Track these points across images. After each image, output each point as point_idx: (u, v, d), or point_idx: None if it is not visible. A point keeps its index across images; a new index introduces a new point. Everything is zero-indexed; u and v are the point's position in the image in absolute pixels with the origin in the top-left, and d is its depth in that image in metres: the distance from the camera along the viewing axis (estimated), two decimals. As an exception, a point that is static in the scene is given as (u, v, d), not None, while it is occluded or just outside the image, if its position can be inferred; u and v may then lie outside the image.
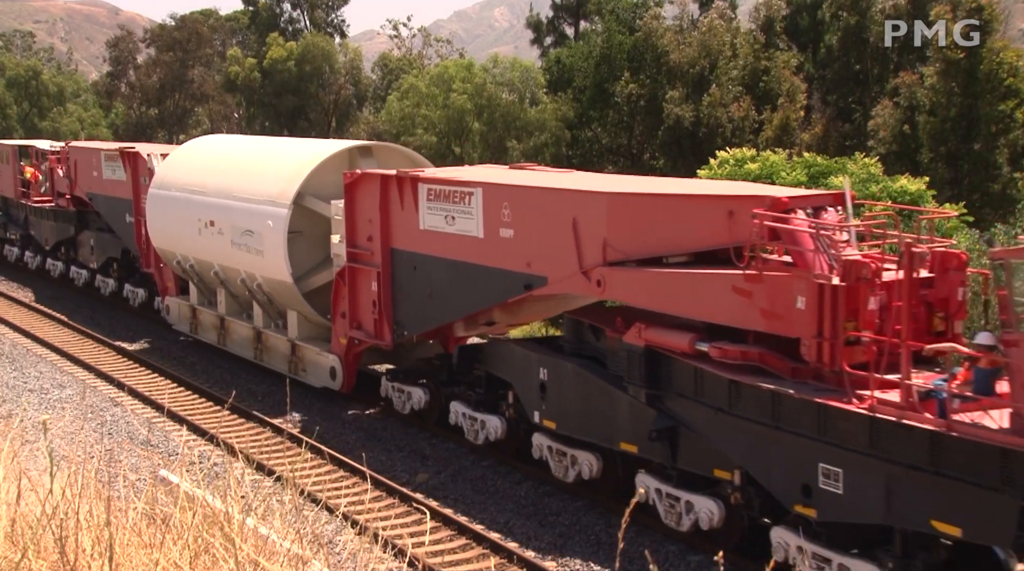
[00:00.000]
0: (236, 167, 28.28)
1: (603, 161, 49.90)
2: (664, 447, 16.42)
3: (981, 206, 33.99)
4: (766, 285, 14.66)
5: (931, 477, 12.51)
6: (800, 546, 14.12)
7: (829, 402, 13.64)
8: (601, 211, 17.33)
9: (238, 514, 6.08)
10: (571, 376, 18.34)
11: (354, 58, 67.66)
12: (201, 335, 30.45)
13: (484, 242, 19.66)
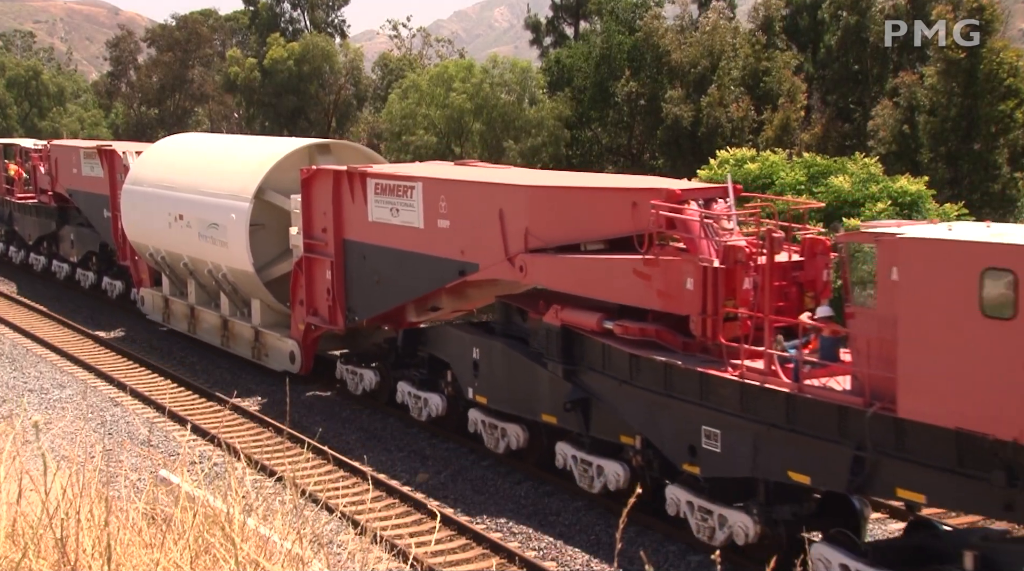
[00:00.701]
0: (203, 164, 29.91)
1: (603, 161, 49.88)
2: (578, 417, 18.18)
3: (981, 206, 33.96)
4: (661, 269, 16.48)
5: (787, 433, 14.43)
6: (689, 501, 16.06)
7: (708, 371, 15.53)
8: (523, 203, 19.22)
9: (239, 514, 6.08)
10: (499, 354, 20.07)
11: (354, 58, 67.62)
12: (173, 324, 31.91)
13: (424, 232, 21.43)
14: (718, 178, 31.10)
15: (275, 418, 23.94)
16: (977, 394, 12.24)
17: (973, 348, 12.21)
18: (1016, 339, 11.81)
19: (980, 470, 12.30)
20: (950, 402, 12.49)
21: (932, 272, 12.64)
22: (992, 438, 12.08)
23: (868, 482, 13.67)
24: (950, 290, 12.42)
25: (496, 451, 20.56)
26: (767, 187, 30.21)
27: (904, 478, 13.25)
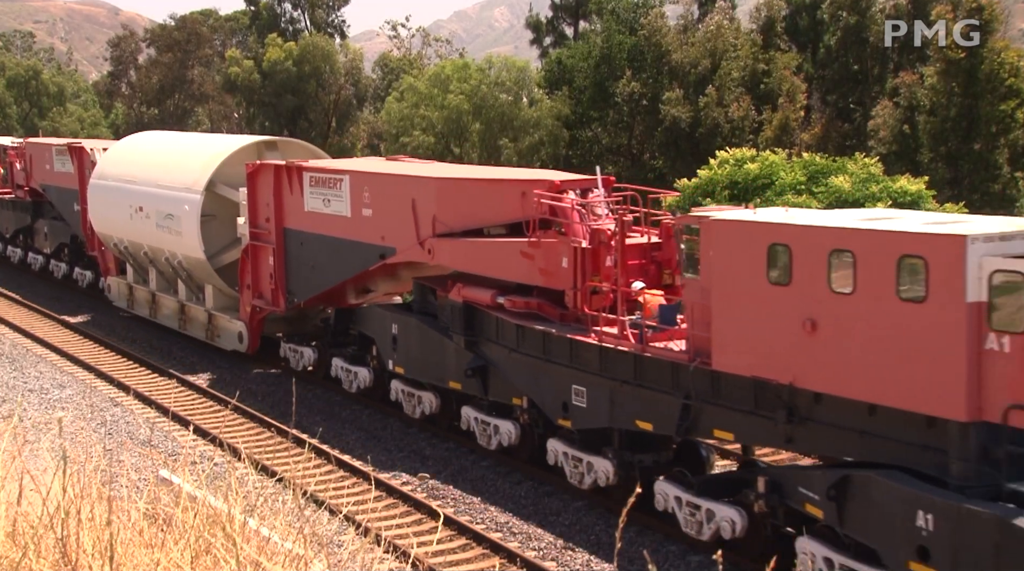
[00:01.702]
0: (161, 160, 32.15)
1: (603, 161, 49.86)
2: (478, 383, 20.56)
3: (981, 206, 33.94)
4: (542, 250, 19.03)
5: (635, 388, 17.03)
6: (565, 451, 18.56)
7: (576, 337, 18.05)
8: (432, 193, 21.73)
9: (239, 514, 6.08)
10: (413, 329, 22.47)
11: (354, 58, 67.61)
12: (136, 310, 34.03)
13: (351, 220, 23.73)
14: (717, 178, 31.11)
15: (276, 418, 23.94)
16: (765, 347, 14.80)
17: (762, 310, 14.78)
18: (791, 301, 14.32)
19: (769, 410, 14.88)
20: (748, 355, 15.06)
21: (734, 248, 15.19)
22: (775, 383, 14.62)
23: (693, 426, 16.29)
24: (746, 263, 14.98)
25: (413, 417, 22.94)
26: (767, 187, 30.21)
27: (719, 421, 15.90)
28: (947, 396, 12.73)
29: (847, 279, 13.60)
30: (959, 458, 12.71)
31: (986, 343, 12.54)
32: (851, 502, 13.76)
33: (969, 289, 12.53)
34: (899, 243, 13.25)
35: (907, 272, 13.10)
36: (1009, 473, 12.30)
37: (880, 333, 13.35)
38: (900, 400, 13.26)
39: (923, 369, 12.95)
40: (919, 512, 12.73)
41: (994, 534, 11.98)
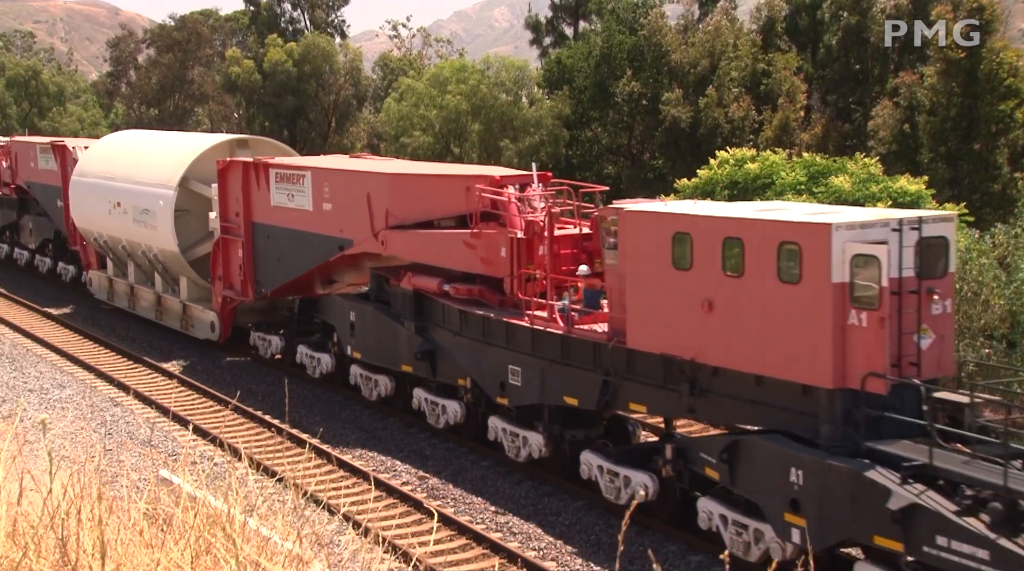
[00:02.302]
0: (138, 157, 33.60)
1: (603, 161, 49.87)
2: (427, 365, 22.04)
3: (981, 206, 33.94)
4: (483, 240, 20.51)
5: (563, 367, 18.58)
6: (503, 428, 20.03)
7: (511, 321, 19.59)
8: (385, 188, 23.10)
9: (240, 514, 6.08)
10: (369, 316, 23.95)
11: (354, 58, 67.55)
12: (116, 302, 35.50)
13: (313, 214, 25.10)
14: (717, 178, 31.13)
15: (276, 418, 23.95)
16: (671, 326, 16.40)
17: (668, 292, 16.35)
18: (691, 284, 15.91)
19: (675, 384, 16.47)
20: (657, 334, 16.65)
21: (644, 237, 16.75)
22: (680, 358, 16.22)
23: (612, 400, 17.80)
24: (654, 250, 16.52)
25: (371, 399, 24.29)
26: (767, 187, 30.22)
27: (633, 394, 17.45)
28: (817, 367, 14.38)
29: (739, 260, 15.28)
30: (826, 421, 14.41)
31: (849, 319, 14.27)
32: (740, 464, 15.38)
33: (834, 271, 14.20)
34: (778, 231, 14.84)
35: (785, 257, 14.72)
36: (867, 433, 13.97)
37: (764, 312, 15.02)
38: (781, 371, 14.93)
39: (798, 343, 14.62)
40: (792, 469, 14.38)
41: (850, 485, 13.64)
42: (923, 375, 14.21)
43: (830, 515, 14.00)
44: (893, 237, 14.35)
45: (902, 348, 14.23)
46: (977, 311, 23.66)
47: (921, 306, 14.36)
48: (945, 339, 14.75)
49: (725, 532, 15.63)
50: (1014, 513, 12.34)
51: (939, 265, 14.70)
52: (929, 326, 14.48)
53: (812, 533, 13.98)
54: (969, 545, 12.41)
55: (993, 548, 12.14)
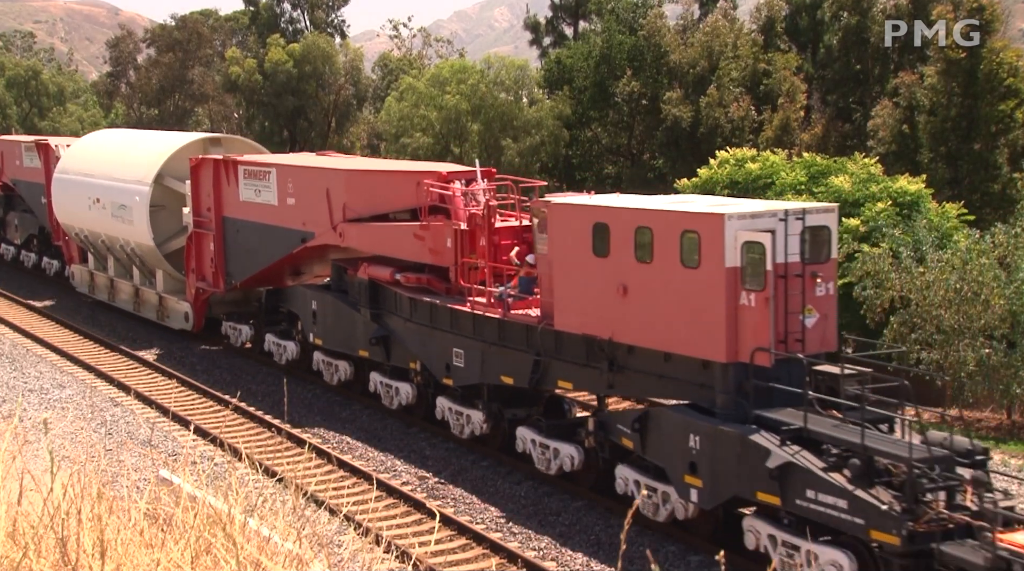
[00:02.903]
0: (117, 154, 34.93)
1: (603, 161, 49.85)
2: (382, 350, 23.51)
3: (981, 206, 33.91)
4: (431, 232, 21.94)
5: (500, 348, 20.11)
6: (449, 407, 21.60)
7: (455, 307, 21.12)
8: (342, 183, 24.61)
9: (240, 514, 6.07)
10: (329, 305, 25.42)
11: (354, 58, 67.50)
12: (97, 294, 36.91)
13: (278, 208, 26.54)
14: (717, 178, 31.12)
15: (276, 419, 23.94)
16: (592, 309, 17.88)
17: (589, 277, 17.85)
18: (609, 270, 17.39)
19: (596, 362, 17.99)
20: (580, 316, 18.16)
21: (569, 227, 18.27)
22: (599, 338, 17.75)
23: (542, 378, 19.34)
24: (577, 239, 18.00)
25: (332, 383, 25.75)
26: (768, 187, 30.22)
27: (561, 373, 19.03)
28: (714, 343, 15.98)
29: (649, 248, 16.89)
30: (721, 392, 16.01)
31: (740, 300, 15.85)
32: (649, 433, 17.00)
33: (727, 256, 15.76)
34: (680, 221, 16.49)
35: (686, 244, 16.30)
36: (756, 402, 15.55)
37: (670, 294, 16.62)
38: (685, 348, 16.55)
39: (698, 322, 16.20)
40: (691, 435, 16.08)
41: (737, 447, 15.31)
42: (807, 350, 15.83)
43: (721, 475, 15.68)
44: (780, 226, 15.84)
45: (788, 326, 15.87)
46: (977, 311, 23.65)
47: (806, 288, 16.00)
48: (828, 318, 16.41)
49: (638, 495, 17.10)
50: (870, 468, 14.03)
51: (823, 251, 16.32)
52: (813, 306, 16.15)
53: (706, 492, 15.87)
54: (832, 496, 14.09)
55: (851, 498, 13.84)
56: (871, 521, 13.61)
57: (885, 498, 13.65)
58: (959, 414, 24.95)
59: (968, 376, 23.64)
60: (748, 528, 15.56)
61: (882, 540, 13.55)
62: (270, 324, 28.39)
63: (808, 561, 14.48)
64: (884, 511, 13.45)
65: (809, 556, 14.45)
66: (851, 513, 13.82)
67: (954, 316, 23.77)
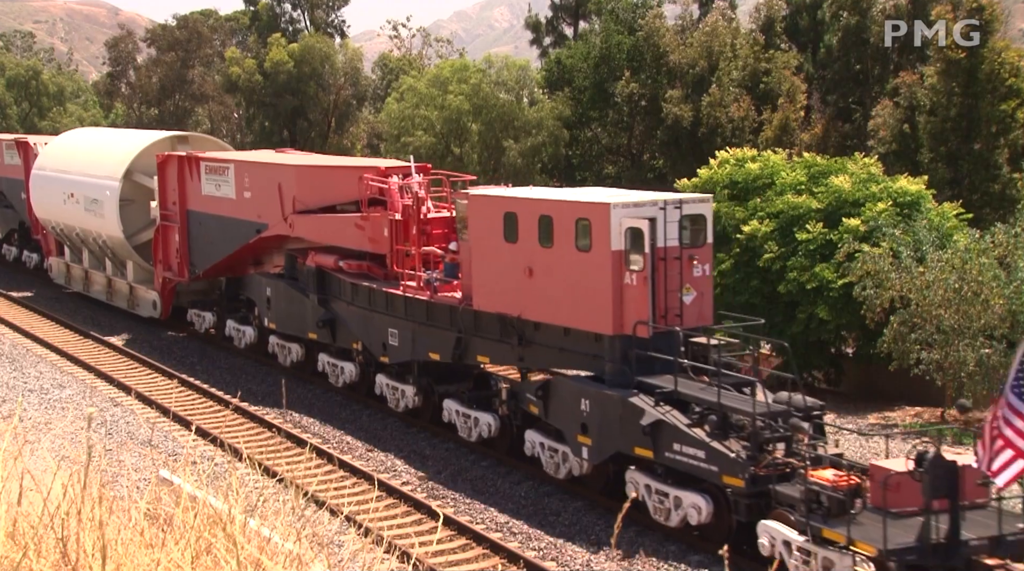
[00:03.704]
0: (89, 152, 36.79)
1: (603, 161, 49.82)
2: (328, 332, 25.46)
3: (981, 206, 33.88)
4: (370, 222, 24.00)
5: (428, 328, 22.24)
6: (387, 383, 23.65)
7: (390, 291, 23.17)
8: (292, 178, 26.82)
9: (240, 515, 6.07)
10: (282, 291, 27.32)
11: (354, 58, 67.44)
12: (73, 286, 38.94)
13: (235, 201, 28.45)
14: (717, 178, 31.10)
15: (276, 419, 23.93)
16: (504, 289, 19.89)
17: (501, 261, 19.85)
18: (517, 254, 19.41)
19: (508, 337, 20.10)
20: (494, 296, 20.15)
21: (485, 216, 20.27)
22: (510, 316, 19.87)
23: (464, 353, 21.40)
24: (492, 226, 19.99)
25: (285, 364, 27.68)
26: (768, 187, 30.20)
27: (480, 348, 21.09)
28: (603, 318, 18.02)
29: (550, 234, 18.90)
30: (609, 361, 18.04)
31: (624, 279, 17.95)
32: (550, 399, 18.95)
33: (613, 241, 17.85)
34: (575, 210, 18.59)
35: (580, 230, 18.32)
36: (638, 370, 17.56)
37: (567, 275, 18.62)
38: (580, 323, 18.63)
39: (590, 299, 18.24)
40: (582, 400, 18.12)
41: (619, 409, 17.35)
42: (685, 324, 17.93)
43: (606, 433, 17.73)
44: (660, 214, 17.95)
45: (668, 302, 17.98)
46: (977, 311, 23.65)
47: (684, 269, 18.08)
48: (704, 296, 18.49)
49: (543, 456, 19.24)
50: (726, 423, 16.17)
51: (699, 237, 18.46)
52: (691, 285, 18.26)
53: (594, 449, 17.94)
54: (693, 448, 16.22)
55: (708, 449, 15.99)
56: (723, 468, 15.76)
57: (735, 448, 15.82)
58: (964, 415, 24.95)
59: (968, 376, 23.63)
60: (629, 480, 17.47)
61: (731, 484, 15.68)
62: (231, 311, 30.27)
63: (675, 505, 16.53)
64: (732, 459, 15.64)
65: (676, 501, 16.51)
66: (708, 462, 15.99)
67: (954, 316, 23.76)
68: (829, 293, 26.80)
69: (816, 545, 14.27)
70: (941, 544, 13.65)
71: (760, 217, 29.13)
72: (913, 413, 25.88)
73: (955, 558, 13.77)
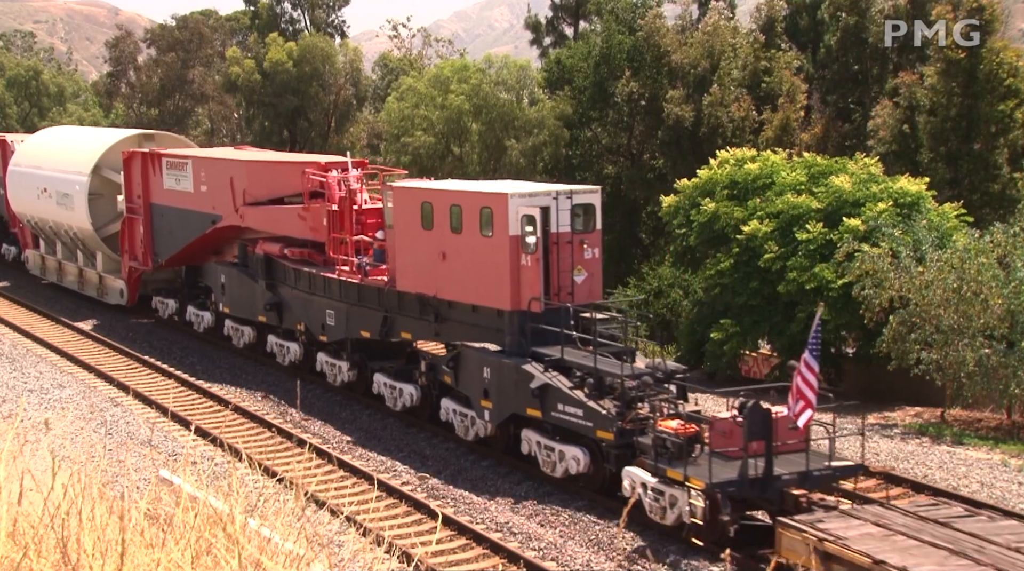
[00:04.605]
0: (61, 149, 38.98)
1: (603, 161, 49.79)
2: (275, 315, 27.78)
3: (981, 206, 33.89)
4: (311, 213, 26.28)
5: (359, 308, 24.45)
6: (326, 360, 25.91)
7: (327, 275, 25.31)
8: (243, 172, 28.86)
9: (240, 515, 6.07)
10: (235, 277, 29.54)
11: (354, 58, 67.40)
12: (48, 276, 41.12)
13: (193, 195, 30.61)
14: (717, 178, 31.12)
15: (276, 418, 23.93)
16: (423, 273, 22.16)
17: (419, 247, 22.15)
18: (433, 240, 21.69)
19: (426, 315, 22.38)
20: (414, 278, 22.46)
21: (405, 206, 22.57)
22: (428, 296, 22.14)
23: (390, 330, 23.65)
24: (411, 215, 22.31)
25: (239, 346, 29.87)
26: (768, 187, 30.20)
27: (403, 326, 23.41)
28: (503, 295, 20.27)
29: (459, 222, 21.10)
30: (508, 333, 20.35)
31: (521, 261, 20.19)
32: (460, 369, 21.25)
33: (511, 227, 20.07)
34: (480, 199, 20.76)
35: (484, 218, 20.48)
36: (533, 341, 19.91)
37: (474, 258, 20.80)
38: (485, 300, 20.82)
39: (493, 279, 20.44)
40: (484, 368, 20.43)
41: (513, 375, 19.69)
42: (576, 301, 20.37)
43: (503, 397, 19.99)
44: (553, 203, 20.31)
45: (561, 282, 20.40)
46: (976, 310, 23.65)
47: (575, 252, 20.43)
48: (594, 276, 20.86)
49: (455, 420, 21.45)
50: (601, 385, 18.67)
51: (590, 224, 20.78)
52: (582, 266, 20.61)
53: (494, 411, 20.31)
54: (573, 407, 18.55)
55: (584, 408, 18.35)
56: (597, 424, 18.14)
57: (607, 406, 18.17)
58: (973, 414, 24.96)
59: (967, 376, 23.63)
60: (524, 438, 19.79)
61: (603, 437, 18.06)
62: (191, 297, 32.61)
63: (559, 458, 18.82)
64: (604, 415, 18.04)
65: (560, 455, 18.82)
66: (585, 419, 18.36)
67: (953, 316, 23.76)
68: (828, 293, 26.80)
69: (663, 484, 16.53)
70: (758, 478, 16.05)
71: (760, 217, 29.14)
72: (913, 413, 25.89)
73: (769, 490, 16.19)
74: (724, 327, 29.33)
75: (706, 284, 31.67)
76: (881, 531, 14.44)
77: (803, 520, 15.04)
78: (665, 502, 16.48)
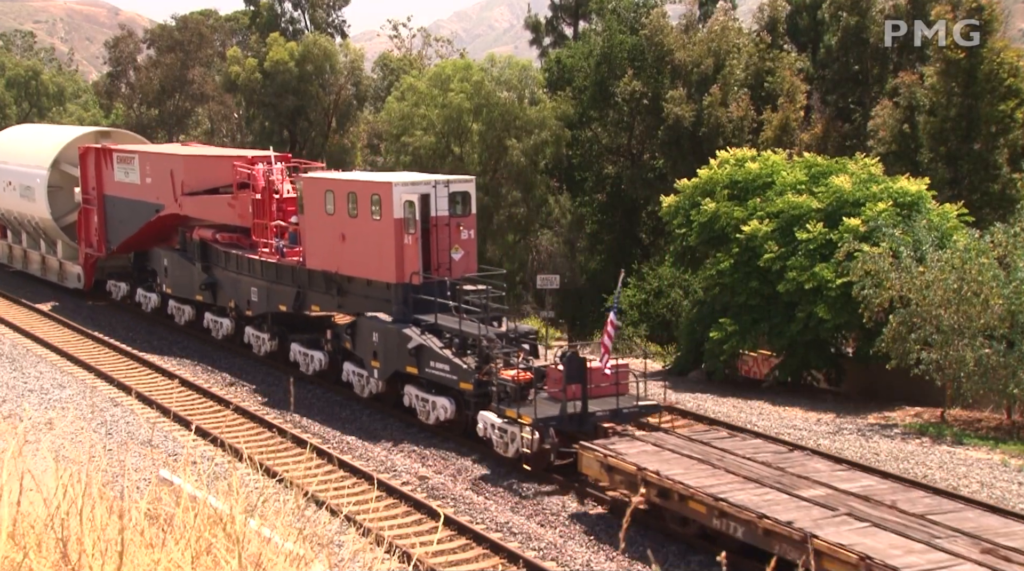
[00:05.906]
0: (25, 144, 42.58)
1: (603, 161, 49.77)
2: (210, 295, 30.91)
3: (981, 206, 33.87)
4: (239, 201, 29.49)
5: (277, 285, 27.76)
6: (253, 333, 29.35)
7: (251, 256, 28.69)
8: (181, 166, 32.11)
9: (240, 515, 6.07)
10: (176, 261, 32.89)
11: (354, 58, 67.36)
12: (14, 265, 44.53)
13: (140, 186, 33.94)
14: (717, 177, 31.11)
15: (276, 418, 23.93)
16: (326, 252, 25.48)
17: (324, 230, 25.50)
18: (334, 224, 25.09)
19: (331, 290, 25.73)
20: (320, 257, 25.81)
21: (313, 194, 25.95)
22: (331, 273, 25.42)
23: (301, 305, 26.96)
24: (317, 202, 25.69)
25: (180, 324, 33.25)
26: (768, 187, 30.19)
27: (313, 300, 26.62)
28: (390, 270, 23.70)
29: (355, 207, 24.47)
30: (395, 303, 23.77)
31: (404, 240, 23.55)
32: (356, 335, 24.58)
33: (395, 211, 23.44)
34: (370, 188, 24.23)
35: (374, 204, 23.90)
36: (415, 310, 23.46)
37: (367, 239, 24.20)
38: (376, 275, 24.23)
39: (381, 256, 23.83)
40: (373, 333, 23.87)
41: (396, 338, 23.10)
42: (454, 275, 23.80)
43: (388, 357, 23.44)
44: (432, 191, 23.66)
45: (440, 259, 23.75)
46: (976, 311, 23.65)
47: (452, 233, 23.90)
48: (470, 254, 24.27)
49: (354, 380, 24.81)
50: (464, 344, 22.19)
51: (466, 209, 24.25)
52: (459, 246, 23.99)
53: (382, 369, 23.75)
54: (442, 364, 22.01)
55: (451, 364, 21.79)
56: (460, 377, 21.57)
57: (468, 362, 21.60)
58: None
59: (967, 376, 23.62)
60: (405, 393, 23.17)
61: (465, 388, 21.48)
62: (140, 281, 35.86)
63: (432, 408, 22.28)
64: (465, 369, 21.49)
65: (432, 405, 22.28)
66: (451, 373, 21.75)
67: (953, 316, 23.75)
68: (828, 293, 26.79)
69: (506, 424, 20.02)
70: (576, 414, 19.82)
71: (760, 217, 29.13)
72: (913, 413, 25.88)
73: (585, 424, 19.96)
74: (723, 327, 29.32)
75: (706, 284, 31.65)
76: (655, 449, 18.26)
77: (599, 443, 18.56)
78: (508, 438, 19.96)
